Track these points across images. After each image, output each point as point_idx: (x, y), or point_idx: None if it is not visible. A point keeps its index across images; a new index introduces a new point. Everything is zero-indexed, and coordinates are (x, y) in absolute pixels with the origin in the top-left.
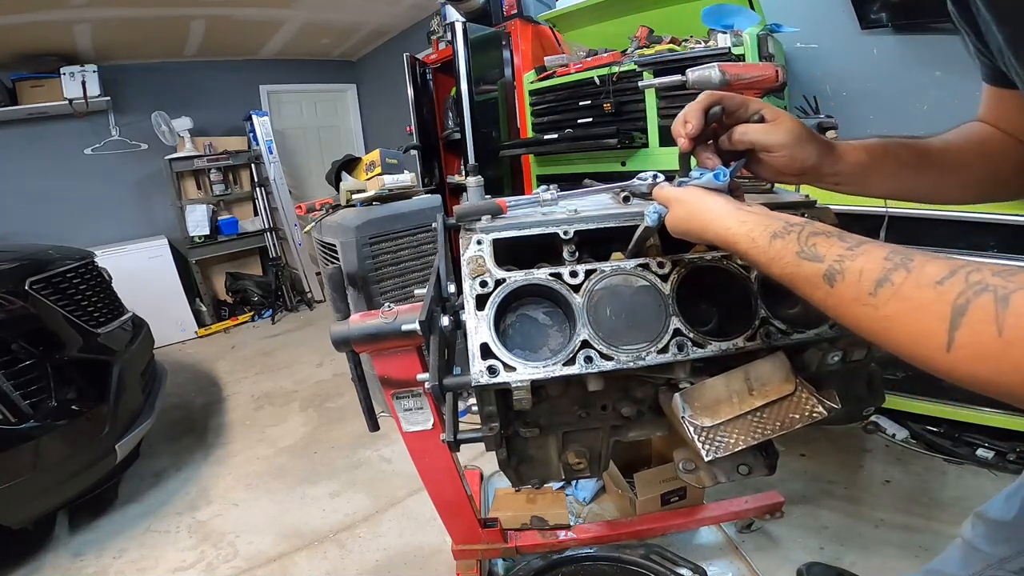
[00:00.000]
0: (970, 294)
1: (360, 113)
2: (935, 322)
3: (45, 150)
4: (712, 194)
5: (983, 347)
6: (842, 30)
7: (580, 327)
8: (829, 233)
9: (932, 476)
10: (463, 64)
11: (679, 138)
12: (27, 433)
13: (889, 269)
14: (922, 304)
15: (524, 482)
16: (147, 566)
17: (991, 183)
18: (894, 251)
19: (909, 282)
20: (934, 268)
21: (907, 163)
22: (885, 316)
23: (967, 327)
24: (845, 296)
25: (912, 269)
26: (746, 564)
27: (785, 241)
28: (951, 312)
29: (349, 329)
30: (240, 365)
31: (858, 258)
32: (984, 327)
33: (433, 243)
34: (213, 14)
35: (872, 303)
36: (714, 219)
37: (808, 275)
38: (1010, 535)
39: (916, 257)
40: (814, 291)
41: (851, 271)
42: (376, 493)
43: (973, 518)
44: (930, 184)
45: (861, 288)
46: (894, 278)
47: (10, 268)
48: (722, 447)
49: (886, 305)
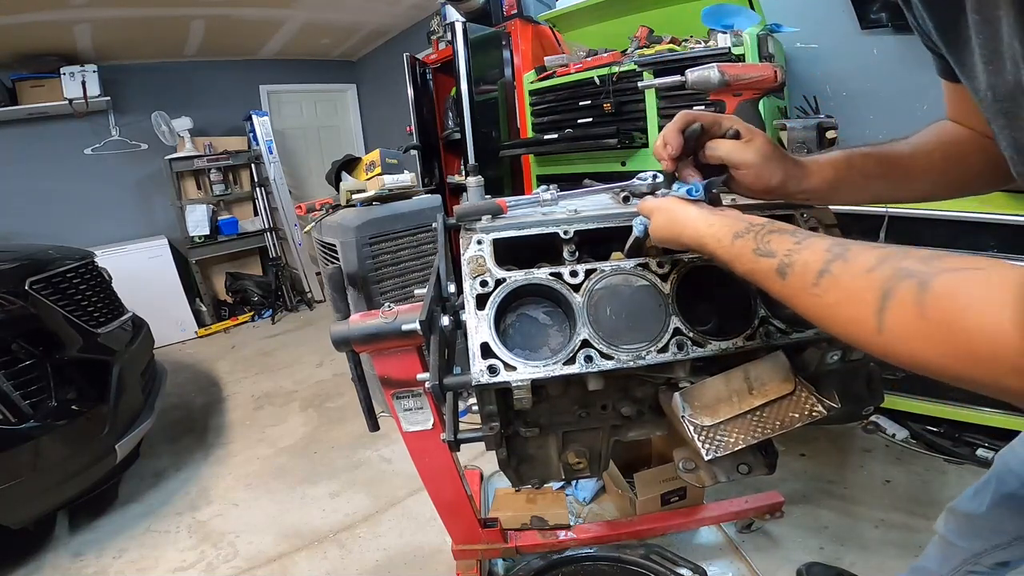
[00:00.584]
0: (895, 280)
1: (360, 113)
2: (866, 307)
3: (45, 150)
4: (687, 203)
5: (907, 327)
6: (842, 30)
7: (580, 327)
8: (783, 230)
9: (932, 476)
10: (463, 64)
11: (661, 160)
12: (27, 433)
13: (829, 260)
14: (855, 291)
15: (524, 482)
16: (147, 566)
17: (960, 181)
18: (835, 243)
19: (845, 271)
20: (866, 257)
21: (872, 174)
22: (826, 304)
23: (892, 310)
24: (795, 287)
25: (848, 259)
26: (746, 564)
27: (744, 240)
28: (879, 298)
29: (349, 329)
30: (240, 365)
31: (803, 251)
32: (907, 309)
33: (433, 243)
34: (213, 14)
35: (816, 292)
36: (687, 224)
37: (764, 270)
38: (981, 529)
39: (852, 247)
40: (772, 284)
41: (798, 263)
42: (376, 493)
43: (946, 513)
44: (899, 188)
45: (806, 279)
46: (833, 268)
47: (10, 268)
48: (722, 446)
49: (827, 294)
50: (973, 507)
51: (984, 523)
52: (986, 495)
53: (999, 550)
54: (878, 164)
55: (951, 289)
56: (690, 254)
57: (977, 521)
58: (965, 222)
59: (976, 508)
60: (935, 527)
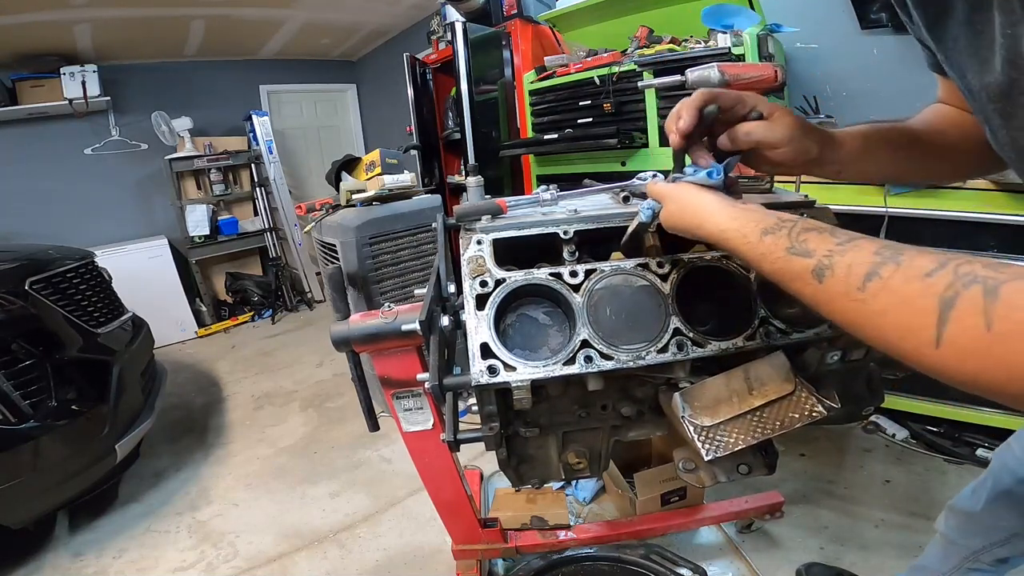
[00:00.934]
0: (959, 286)
1: (360, 113)
2: (923, 316)
3: (45, 150)
4: (705, 191)
5: (971, 342)
6: (842, 30)
7: (580, 327)
8: (821, 229)
9: (932, 476)
10: (463, 64)
11: (671, 134)
12: (27, 433)
13: (878, 263)
14: (910, 297)
15: (524, 482)
16: (147, 566)
17: (971, 161)
18: (885, 246)
19: (898, 276)
20: (924, 261)
21: (900, 145)
22: (873, 311)
23: (955, 321)
24: (834, 291)
25: (902, 263)
26: (746, 564)
27: (776, 237)
28: (939, 305)
29: (349, 329)
30: (240, 365)
31: (847, 253)
32: (972, 320)
33: (433, 243)
34: (213, 14)
35: (860, 298)
36: (707, 216)
37: (797, 271)
38: (980, 527)
39: (906, 251)
40: (804, 287)
41: (840, 266)
42: (376, 493)
43: (946, 510)
44: (921, 165)
45: (850, 283)
46: (883, 272)
47: (10, 268)
48: (722, 446)
49: (875, 299)
50: (971, 505)
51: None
52: (983, 492)
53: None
54: (904, 137)
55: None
56: (690, 254)
57: (975, 518)
58: (965, 222)
59: (974, 506)
60: (935, 525)
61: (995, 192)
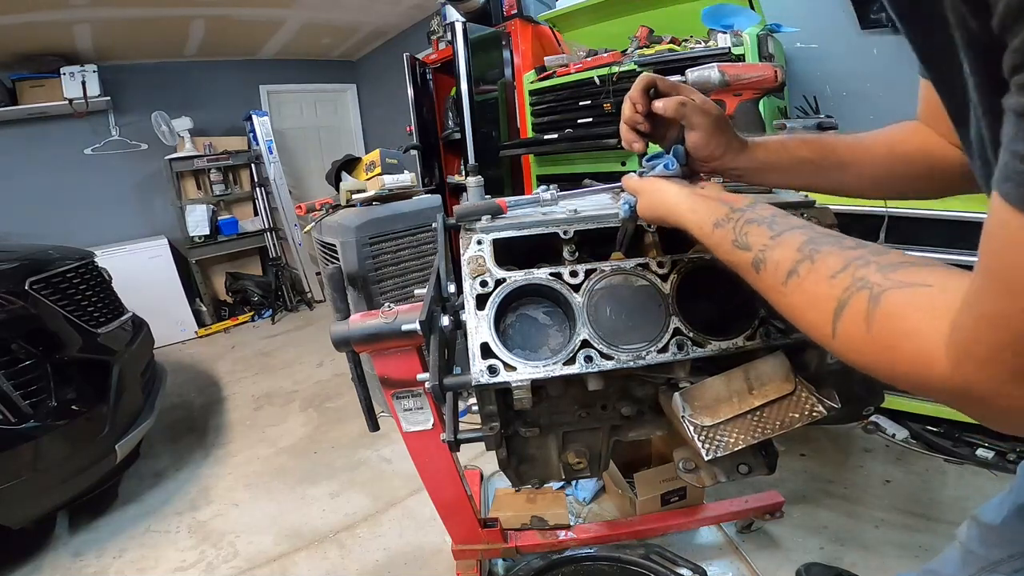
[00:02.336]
0: (852, 291)
1: (360, 113)
2: (824, 314)
3: (45, 150)
4: (668, 182)
5: (856, 339)
6: (842, 30)
7: (580, 327)
8: (761, 221)
9: (932, 476)
10: (463, 64)
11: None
12: (27, 433)
13: (798, 261)
14: (816, 298)
15: (524, 482)
16: (147, 566)
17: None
18: (809, 240)
19: (811, 276)
20: (832, 261)
21: (805, 159)
22: (792, 304)
23: (844, 321)
24: (767, 284)
25: (816, 261)
26: (746, 564)
27: (724, 230)
28: (835, 307)
29: (349, 329)
30: (240, 365)
31: (776, 249)
32: (856, 322)
33: (433, 243)
34: (213, 14)
35: (783, 291)
36: (672, 207)
37: (741, 262)
38: (1002, 538)
39: (823, 248)
40: (747, 275)
41: (770, 261)
42: (376, 493)
43: (969, 521)
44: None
45: (776, 278)
46: (800, 270)
47: (10, 268)
48: (722, 446)
49: (792, 295)
50: (994, 517)
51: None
52: (1007, 505)
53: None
54: (812, 150)
55: (897, 309)
56: (690, 254)
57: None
58: (965, 222)
59: (995, 518)
60: (956, 533)
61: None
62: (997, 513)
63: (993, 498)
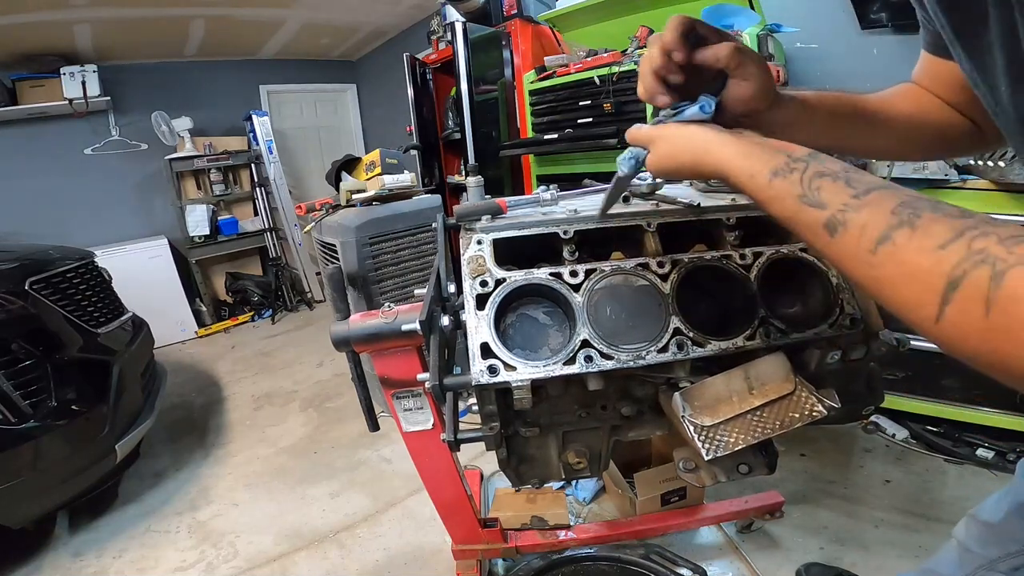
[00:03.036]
0: (967, 265)
1: (360, 113)
2: (928, 293)
3: (45, 150)
4: (700, 126)
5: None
6: (842, 30)
7: (580, 326)
8: (836, 175)
9: (932, 476)
10: (463, 64)
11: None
12: (27, 433)
13: (893, 225)
14: (918, 271)
15: (524, 482)
16: (147, 566)
17: (922, 142)
18: (903, 203)
19: (911, 245)
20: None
21: (840, 114)
22: (881, 277)
23: (957, 303)
24: (844, 250)
25: (917, 228)
26: (746, 564)
27: (786, 181)
28: (945, 284)
29: (349, 329)
30: (240, 365)
31: (863, 209)
32: (973, 305)
33: (433, 243)
34: (213, 14)
35: (870, 261)
36: (708, 150)
37: (808, 222)
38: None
39: (924, 212)
40: (814, 239)
41: (853, 224)
42: (376, 493)
43: (966, 519)
44: (862, 137)
45: (861, 245)
46: (896, 237)
47: (10, 268)
48: (722, 446)
49: (883, 267)
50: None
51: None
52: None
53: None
54: (847, 106)
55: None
56: (690, 254)
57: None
58: None
59: (994, 516)
60: (953, 532)
61: (995, 192)
62: (995, 511)
63: (990, 497)
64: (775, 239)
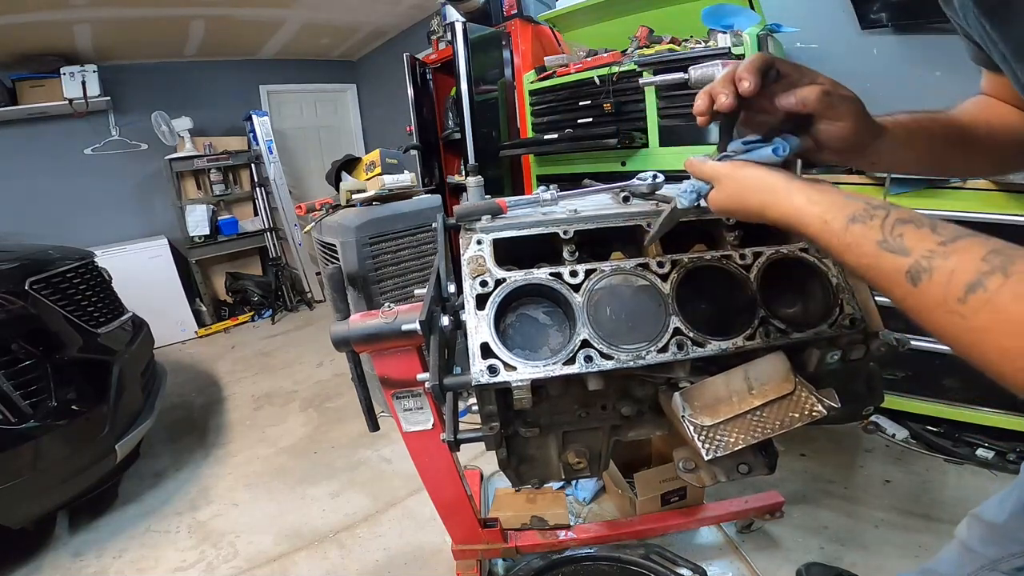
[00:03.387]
0: None
1: (360, 113)
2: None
3: (45, 150)
4: (770, 169)
5: None
6: (842, 30)
7: (580, 326)
8: (920, 223)
9: (932, 476)
10: (463, 64)
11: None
12: (27, 433)
13: (985, 272)
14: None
15: (524, 482)
16: (147, 566)
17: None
18: (994, 251)
19: (1005, 290)
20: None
21: (940, 137)
22: (973, 327)
23: None
24: (929, 299)
25: (1011, 275)
26: (746, 564)
27: (865, 227)
28: None
29: (349, 329)
30: (240, 365)
31: (951, 256)
32: None
33: (433, 243)
34: (213, 14)
35: (960, 311)
36: (778, 197)
37: (888, 269)
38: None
39: (1018, 259)
40: (893, 288)
41: (940, 271)
42: (376, 493)
43: (969, 519)
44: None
45: (949, 292)
46: (988, 283)
47: (10, 268)
48: (722, 446)
49: (976, 315)
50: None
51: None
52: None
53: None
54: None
55: None
56: (690, 254)
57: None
58: (965, 222)
59: (998, 516)
60: (955, 532)
61: (995, 192)
62: (999, 511)
63: (993, 497)
64: (775, 239)
